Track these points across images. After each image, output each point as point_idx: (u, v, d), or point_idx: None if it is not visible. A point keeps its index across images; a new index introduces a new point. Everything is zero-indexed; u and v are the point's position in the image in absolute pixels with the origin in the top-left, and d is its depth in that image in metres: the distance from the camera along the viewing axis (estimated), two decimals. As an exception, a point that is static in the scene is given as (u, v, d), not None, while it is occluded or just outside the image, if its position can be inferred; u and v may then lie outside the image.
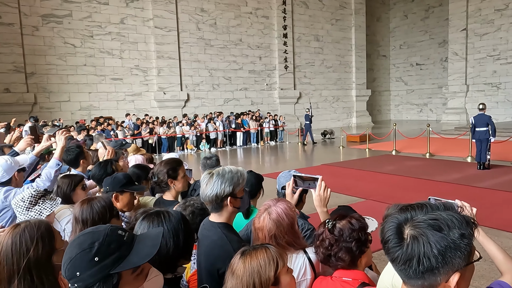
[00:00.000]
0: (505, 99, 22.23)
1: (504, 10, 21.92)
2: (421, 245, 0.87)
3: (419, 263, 0.88)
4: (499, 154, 10.76)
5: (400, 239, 0.91)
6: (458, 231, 0.88)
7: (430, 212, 0.91)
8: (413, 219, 0.91)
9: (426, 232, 0.88)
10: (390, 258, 0.93)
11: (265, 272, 1.26)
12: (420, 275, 0.89)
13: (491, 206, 6.48)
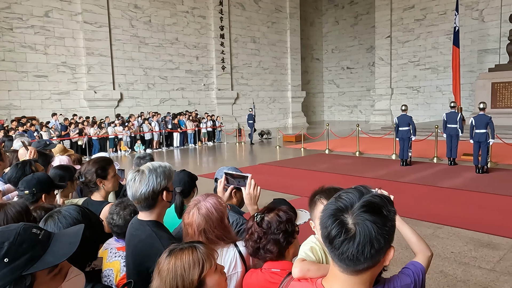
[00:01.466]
0: (424, 101, 24.28)
1: (422, 20, 23.95)
2: (370, 229, 0.93)
3: (371, 247, 0.93)
4: (420, 152, 11.72)
5: (347, 231, 0.94)
6: (390, 208, 0.97)
7: (360, 198, 0.97)
8: (350, 209, 0.96)
9: (368, 217, 0.93)
10: (339, 252, 0.95)
11: (188, 276, 1.24)
12: (370, 258, 0.94)
13: (412, 199, 7.04)
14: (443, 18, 22.90)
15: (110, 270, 1.94)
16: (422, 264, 1.53)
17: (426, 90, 24.18)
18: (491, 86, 16.70)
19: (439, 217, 5.97)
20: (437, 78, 23.51)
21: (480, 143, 8.98)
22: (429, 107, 23.83)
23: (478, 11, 21.43)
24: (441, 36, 23.09)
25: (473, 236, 5.18)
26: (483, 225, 5.53)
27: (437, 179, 8.69)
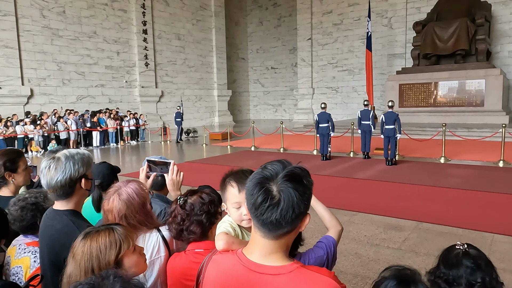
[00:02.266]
0: (342, 101, 25.93)
1: (339, 24, 25.55)
2: (293, 196, 1.01)
3: (292, 212, 1.02)
4: (338, 147, 12.52)
5: (272, 197, 1.02)
6: (309, 179, 1.07)
7: (283, 169, 1.06)
8: (275, 178, 1.04)
9: (291, 185, 1.02)
10: (264, 217, 1.02)
11: (104, 257, 1.21)
12: (291, 222, 1.03)
13: (332, 190, 7.52)
14: (358, 23, 24.67)
15: (19, 267, 1.82)
16: (333, 237, 1.68)
17: (344, 91, 25.84)
18: (398, 87, 18.39)
19: (355, 205, 6.46)
20: (353, 79, 25.25)
21: (389, 138, 9.86)
22: (347, 106, 25.50)
23: (387, 18, 23.46)
24: (356, 40, 24.85)
25: (383, 220, 5.70)
26: (391, 211, 6.12)
27: (353, 171, 9.38)
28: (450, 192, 7.16)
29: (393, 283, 1.17)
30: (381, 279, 1.23)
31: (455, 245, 1.44)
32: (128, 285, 0.96)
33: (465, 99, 17.06)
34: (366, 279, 3.88)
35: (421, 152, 11.65)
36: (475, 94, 16.79)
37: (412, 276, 1.20)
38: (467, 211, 6.04)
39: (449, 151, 11.00)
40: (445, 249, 1.47)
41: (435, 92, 17.75)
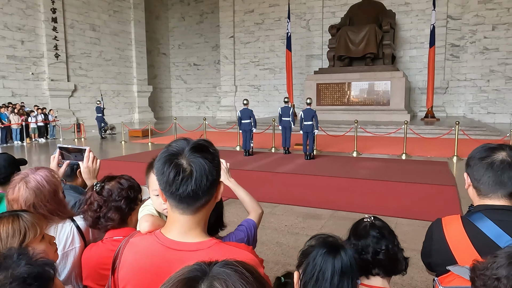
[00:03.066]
0: (264, 99, 26.58)
1: (261, 24, 26.13)
2: (203, 164, 1.03)
3: (207, 180, 1.03)
4: (260, 143, 12.82)
5: (184, 170, 1.02)
6: (214, 148, 1.11)
7: (188, 144, 1.07)
8: (182, 153, 1.04)
9: (199, 155, 1.04)
10: (181, 192, 1.02)
11: (6, 245, 1.13)
12: (207, 190, 1.05)
13: (254, 184, 7.67)
14: (278, 24, 25.47)
15: None
16: (254, 220, 1.73)
17: (266, 89, 26.51)
18: (316, 87, 19.42)
19: (276, 197, 6.69)
20: (274, 78, 26.03)
21: (308, 133, 10.37)
22: (268, 104, 26.19)
23: (305, 21, 24.58)
24: (277, 40, 25.64)
25: (303, 210, 5.99)
26: (310, 201, 6.45)
27: (274, 166, 9.70)
28: (361, 183, 7.77)
29: (323, 250, 1.26)
30: (308, 248, 1.31)
31: (363, 218, 1.58)
32: (35, 263, 0.89)
33: (374, 98, 18.59)
34: (287, 265, 4.05)
35: (337, 147, 12.44)
36: (382, 94, 18.39)
37: (338, 242, 1.30)
38: (376, 198, 6.62)
39: (361, 145, 11.91)
40: (354, 222, 1.61)
41: (348, 92, 19.07)
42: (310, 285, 1.24)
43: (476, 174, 1.50)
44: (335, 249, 1.26)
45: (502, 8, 20.51)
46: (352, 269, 1.24)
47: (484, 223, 1.44)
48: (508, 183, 1.44)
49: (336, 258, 1.24)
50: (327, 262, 1.23)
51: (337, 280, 1.22)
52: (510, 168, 1.44)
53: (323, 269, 1.23)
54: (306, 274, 1.26)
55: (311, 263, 1.25)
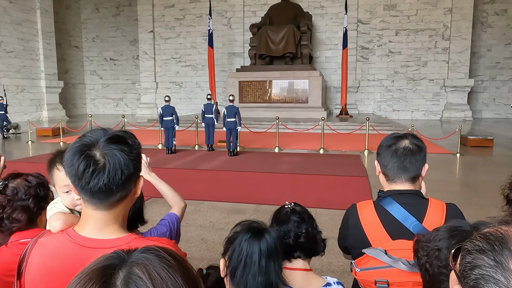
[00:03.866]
0: (186, 96, 26.14)
1: (182, 20, 25.62)
2: (118, 157, 0.96)
3: (122, 174, 0.96)
4: (183, 141, 12.60)
5: (96, 162, 0.95)
6: (134, 140, 1.05)
7: (104, 134, 1.00)
8: (96, 144, 0.97)
9: (115, 146, 0.97)
10: (91, 186, 0.95)
11: None
12: (122, 185, 0.98)
13: (178, 182, 7.50)
14: (200, 20, 25.20)
15: None
16: (177, 214, 1.71)
17: (188, 86, 26.09)
18: (238, 84, 19.61)
19: (201, 194, 6.65)
20: (197, 75, 25.73)
21: (231, 130, 10.45)
22: (191, 102, 25.83)
23: (227, 18, 24.68)
24: (199, 37, 25.36)
25: (227, 206, 6.03)
26: (234, 196, 6.52)
27: (198, 163, 9.62)
28: (283, 177, 8.06)
29: (248, 235, 1.28)
30: (233, 235, 1.32)
31: (285, 204, 1.65)
32: None
33: (293, 96, 19.35)
34: (212, 261, 4.05)
35: (259, 143, 12.72)
36: (301, 93, 19.22)
37: (261, 226, 1.34)
38: (296, 191, 6.91)
39: (282, 142, 12.33)
40: (276, 210, 1.67)
41: (270, 89, 19.58)
42: (239, 271, 1.26)
43: (384, 161, 1.65)
44: (260, 233, 1.30)
45: (404, 16, 22.71)
46: (277, 250, 1.29)
47: (393, 207, 1.59)
48: (410, 168, 1.60)
49: (262, 241, 1.27)
50: (253, 246, 1.26)
51: (265, 262, 1.26)
52: (412, 154, 1.60)
53: (250, 253, 1.26)
54: (233, 260, 1.27)
55: (237, 249, 1.27)
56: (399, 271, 1.44)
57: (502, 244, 0.58)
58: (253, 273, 1.24)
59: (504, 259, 0.57)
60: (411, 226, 1.53)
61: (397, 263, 1.45)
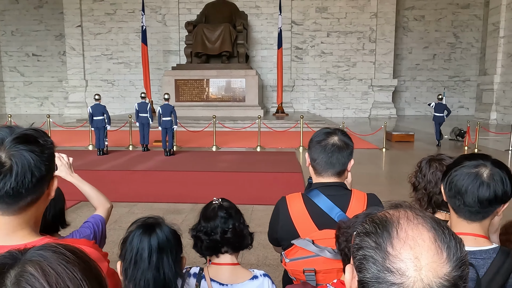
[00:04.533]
0: (119, 95, 25.02)
1: (113, 15, 24.46)
2: (28, 158, 0.90)
3: (32, 176, 0.90)
4: (116, 141, 12.05)
5: (2, 165, 0.88)
6: (46, 138, 0.98)
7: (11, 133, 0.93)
8: (1, 144, 0.90)
9: (24, 147, 0.90)
10: None
11: None
12: (33, 188, 0.92)
13: (111, 184, 7.19)
14: (132, 16, 24.24)
15: None
16: (102, 215, 1.64)
17: (121, 84, 25.00)
18: (174, 82, 19.21)
19: (135, 196, 6.43)
20: (130, 72, 24.74)
21: (166, 129, 10.21)
22: (124, 100, 24.76)
23: (161, 15, 24.04)
24: (131, 33, 24.39)
25: (164, 207, 5.89)
26: (170, 197, 6.40)
27: (132, 164, 9.28)
28: (220, 175, 8.07)
29: (139, 231, 1.26)
30: (127, 234, 1.29)
31: (212, 201, 1.65)
32: None
33: (231, 95, 19.41)
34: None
35: (196, 142, 12.58)
36: (238, 91, 19.34)
37: (155, 221, 1.32)
38: (234, 189, 6.95)
39: (220, 140, 12.30)
40: (204, 206, 1.66)
41: (207, 88, 19.44)
42: (130, 270, 1.24)
43: (313, 155, 1.72)
44: (151, 228, 1.27)
45: (334, 18, 23.81)
46: (170, 244, 1.28)
47: (320, 198, 1.67)
48: (336, 164, 1.69)
49: (152, 237, 1.25)
50: (143, 242, 1.24)
51: (156, 257, 1.24)
52: (339, 151, 1.69)
53: (140, 250, 1.24)
54: (126, 260, 1.25)
55: (129, 247, 1.25)
56: (325, 259, 1.52)
57: (384, 227, 0.63)
58: (143, 269, 1.23)
59: (383, 241, 0.62)
60: (336, 216, 1.61)
61: (323, 252, 1.52)
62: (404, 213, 0.65)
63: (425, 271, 0.59)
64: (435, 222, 0.64)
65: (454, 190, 1.23)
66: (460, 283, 0.60)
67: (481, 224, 1.25)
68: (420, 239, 0.61)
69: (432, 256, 0.60)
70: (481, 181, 1.18)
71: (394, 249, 0.61)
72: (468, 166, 1.22)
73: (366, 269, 0.62)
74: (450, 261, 0.60)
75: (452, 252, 0.61)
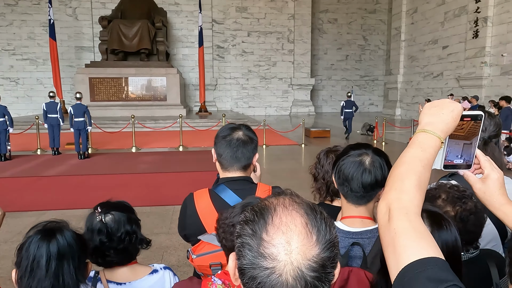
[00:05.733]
0: (25, 94, 22.77)
1: (15, 6, 22.15)
2: None
3: None
4: (21, 145, 10.96)
5: None
6: None
7: None
8: None
9: None
10: None
11: None
12: None
13: (15, 192, 6.56)
14: (38, 8, 22.21)
15: None
16: None
17: (26, 82, 22.78)
18: (89, 81, 18.02)
19: (44, 204, 5.94)
20: (37, 70, 22.66)
21: (80, 131, 9.56)
22: (31, 100, 22.62)
23: (72, 8, 22.37)
24: (37, 27, 22.35)
25: (77, 213, 5.49)
26: (85, 202, 5.97)
27: (40, 169, 8.53)
28: (140, 177, 7.78)
29: (37, 237, 1.18)
30: (25, 240, 1.20)
31: (95, 211, 1.54)
32: None
33: (152, 94, 18.78)
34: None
35: (115, 144, 11.96)
36: (159, 90, 18.79)
37: (57, 226, 1.24)
38: (154, 190, 6.76)
39: (140, 141, 11.85)
40: (87, 217, 1.55)
41: (126, 87, 18.57)
42: (25, 279, 1.15)
43: (219, 150, 1.74)
44: (50, 233, 1.19)
45: (254, 18, 24.27)
46: (72, 250, 1.20)
47: (226, 193, 1.69)
48: (241, 158, 1.73)
49: (52, 243, 1.17)
50: (41, 249, 1.16)
51: (55, 265, 1.17)
52: (244, 146, 1.73)
53: (37, 257, 1.16)
54: (21, 268, 1.16)
55: (25, 254, 1.16)
56: None
57: (261, 214, 0.67)
58: (39, 277, 1.15)
59: (259, 228, 0.65)
60: None
61: None
62: (282, 201, 0.68)
63: (294, 255, 0.62)
64: (310, 207, 0.68)
65: (342, 177, 1.34)
66: (328, 263, 0.64)
67: (367, 207, 1.38)
68: (292, 224, 0.64)
69: (302, 240, 0.63)
70: (363, 168, 1.31)
71: (268, 235, 0.64)
72: (353, 155, 1.34)
73: (243, 256, 0.65)
74: (319, 243, 0.64)
75: (321, 235, 0.65)
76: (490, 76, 15.03)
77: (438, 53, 18.40)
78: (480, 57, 15.27)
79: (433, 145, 0.87)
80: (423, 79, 19.72)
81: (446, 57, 17.77)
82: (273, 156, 10.20)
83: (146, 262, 1.79)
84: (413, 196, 0.81)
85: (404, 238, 0.74)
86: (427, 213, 1.10)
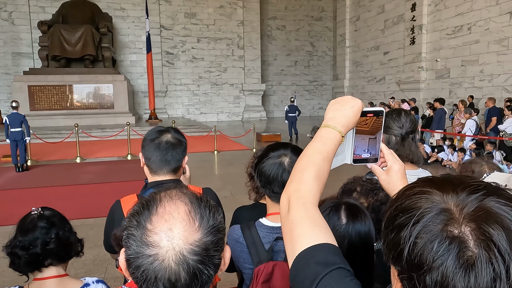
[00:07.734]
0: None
1: None
2: None
3: None
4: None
5: None
6: None
7: None
8: None
9: None
10: None
11: None
12: None
13: None
14: (-32, 12, 20.65)
15: None
16: None
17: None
18: (28, 89, 17.00)
19: (-26, 221, 5.48)
20: (-31, 78, 21.03)
21: (17, 141, 8.98)
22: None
23: (7, 12, 21.03)
24: (-32, 32, 20.78)
25: (7, 229, 5.16)
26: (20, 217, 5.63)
27: (-28, 184, 7.89)
28: (84, 188, 7.45)
29: None
30: None
31: (31, 211, 1.52)
32: None
33: (98, 102, 18.07)
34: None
35: (57, 154, 11.36)
36: (106, 98, 18.13)
37: None
38: (101, 201, 6.47)
39: (85, 151, 11.34)
40: (21, 218, 1.52)
41: (70, 95, 17.72)
42: None
43: (147, 154, 1.72)
44: None
45: (204, 24, 24.19)
46: None
47: None
48: (171, 161, 1.71)
49: None
50: None
51: None
52: (173, 148, 1.71)
53: None
54: None
55: None
56: None
57: (146, 206, 0.70)
58: None
59: (143, 219, 0.67)
60: None
61: None
62: (169, 192, 0.71)
63: (176, 240, 0.65)
64: (195, 197, 0.72)
65: (264, 180, 1.38)
66: (211, 246, 0.68)
67: None
68: (176, 212, 0.67)
69: (184, 226, 0.66)
70: (283, 168, 1.36)
71: (152, 224, 0.66)
72: (273, 157, 1.39)
73: (128, 246, 0.66)
74: (202, 228, 0.67)
75: (205, 221, 0.68)
76: (427, 80, 16.07)
77: (380, 58, 19.38)
78: (417, 62, 16.29)
79: (333, 138, 0.92)
80: (367, 83, 20.66)
81: (387, 62, 18.77)
82: (224, 161, 10.19)
83: (89, 275, 1.72)
84: (311, 187, 0.85)
85: (300, 227, 0.77)
86: (346, 205, 1.15)
